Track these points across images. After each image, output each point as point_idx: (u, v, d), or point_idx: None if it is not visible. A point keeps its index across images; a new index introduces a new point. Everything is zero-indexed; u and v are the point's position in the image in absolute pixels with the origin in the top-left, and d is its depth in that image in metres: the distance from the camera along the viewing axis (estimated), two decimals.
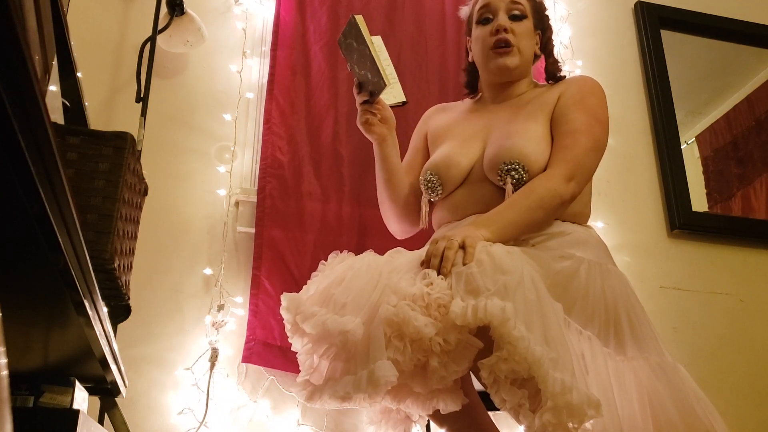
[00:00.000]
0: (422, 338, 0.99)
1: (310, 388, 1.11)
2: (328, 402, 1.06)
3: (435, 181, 1.43)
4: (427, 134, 1.61)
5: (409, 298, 1.02)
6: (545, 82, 1.56)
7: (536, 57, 1.55)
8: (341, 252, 1.28)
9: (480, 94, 1.61)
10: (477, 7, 1.53)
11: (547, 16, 1.57)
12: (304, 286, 1.23)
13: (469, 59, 1.60)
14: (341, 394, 1.01)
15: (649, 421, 1.09)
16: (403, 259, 1.19)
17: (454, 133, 1.50)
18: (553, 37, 1.59)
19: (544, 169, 1.33)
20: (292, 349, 1.19)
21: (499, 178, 1.34)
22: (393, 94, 1.53)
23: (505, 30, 1.45)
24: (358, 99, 1.49)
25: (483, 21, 1.50)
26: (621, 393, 1.09)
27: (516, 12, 1.48)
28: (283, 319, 1.18)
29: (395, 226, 1.61)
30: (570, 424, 0.95)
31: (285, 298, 1.16)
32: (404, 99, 1.56)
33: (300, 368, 1.17)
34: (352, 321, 1.03)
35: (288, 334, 1.17)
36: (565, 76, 1.54)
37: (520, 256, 1.12)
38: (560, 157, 1.32)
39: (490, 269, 1.04)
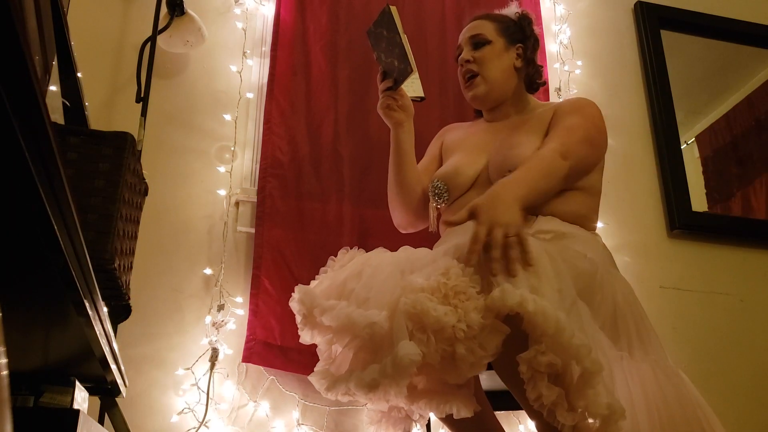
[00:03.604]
0: (444, 327, 0.98)
1: (331, 379, 1.11)
2: (353, 391, 1.05)
3: (442, 187, 1.51)
4: (443, 144, 1.70)
5: (427, 291, 1.02)
6: (548, 100, 1.60)
7: (521, 70, 1.60)
8: (351, 249, 1.29)
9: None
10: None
11: (524, 27, 1.62)
12: (315, 282, 1.23)
13: None
14: (367, 380, 1.01)
15: (649, 423, 1.09)
16: (421, 261, 1.17)
17: (462, 147, 1.59)
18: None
19: None
20: (301, 341, 1.20)
21: None
22: (413, 87, 1.60)
23: (468, 61, 1.58)
24: (381, 86, 1.55)
25: (458, 60, 1.63)
26: (629, 395, 1.10)
27: (477, 41, 1.59)
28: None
29: (400, 214, 1.64)
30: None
31: (299, 291, 1.17)
32: (422, 94, 1.63)
33: (319, 357, 1.19)
34: (379, 314, 1.03)
35: (299, 326, 1.18)
36: (544, 83, 1.66)
37: (560, 262, 1.11)
38: (553, 138, 1.36)
39: (550, 274, 1.04)
